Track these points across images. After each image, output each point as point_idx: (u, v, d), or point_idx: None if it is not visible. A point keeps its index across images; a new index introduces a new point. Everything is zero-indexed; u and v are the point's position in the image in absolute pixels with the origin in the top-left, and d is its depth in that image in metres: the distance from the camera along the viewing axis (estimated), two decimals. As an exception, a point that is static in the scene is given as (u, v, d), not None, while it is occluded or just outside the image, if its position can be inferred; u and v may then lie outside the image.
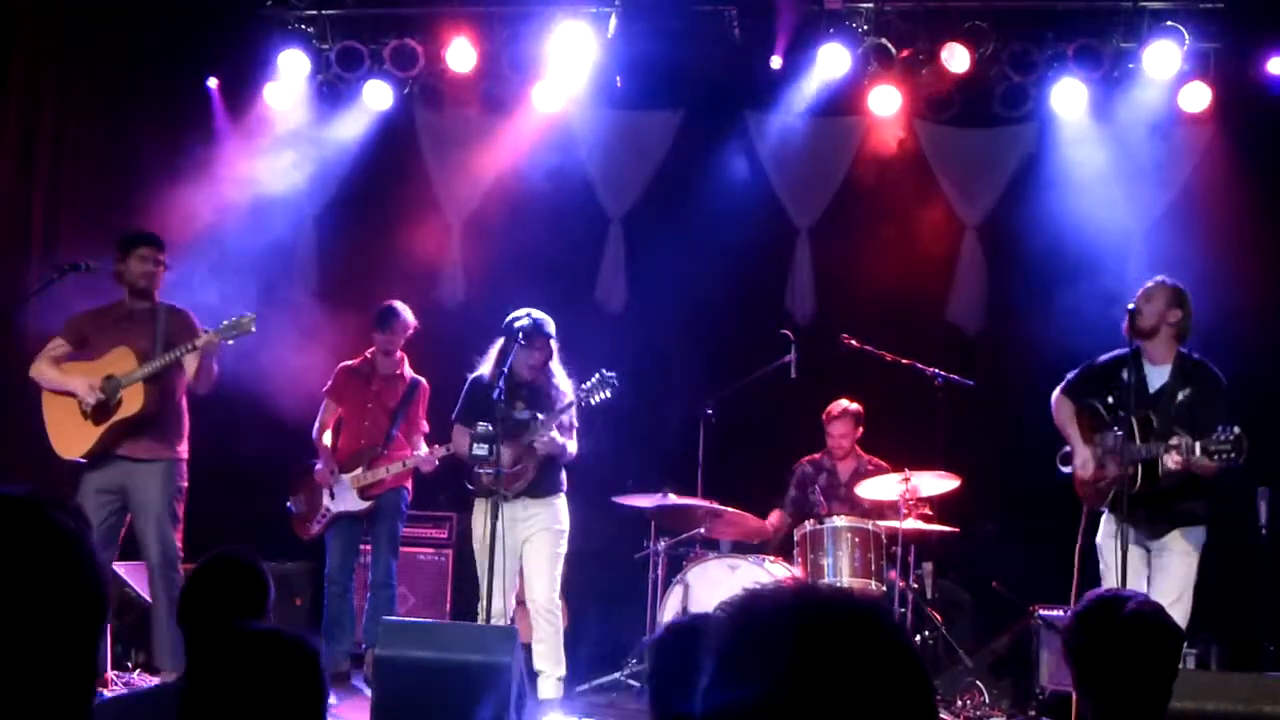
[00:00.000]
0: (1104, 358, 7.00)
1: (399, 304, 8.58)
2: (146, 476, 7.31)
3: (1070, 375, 7.10)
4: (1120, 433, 6.60)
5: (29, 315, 8.59)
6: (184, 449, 7.49)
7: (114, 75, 9.66)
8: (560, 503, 7.66)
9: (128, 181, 9.67)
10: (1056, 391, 7.11)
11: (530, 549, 7.60)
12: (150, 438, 7.34)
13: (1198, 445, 6.36)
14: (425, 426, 8.58)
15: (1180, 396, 6.70)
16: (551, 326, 7.57)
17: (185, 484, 7.45)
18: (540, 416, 7.47)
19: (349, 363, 8.62)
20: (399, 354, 8.61)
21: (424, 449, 8.44)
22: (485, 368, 7.62)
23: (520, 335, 7.44)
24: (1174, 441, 6.43)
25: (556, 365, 7.67)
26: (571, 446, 7.64)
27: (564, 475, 7.69)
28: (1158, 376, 6.81)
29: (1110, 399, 6.80)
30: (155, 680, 7.38)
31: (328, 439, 8.52)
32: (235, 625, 2.68)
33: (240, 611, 3.62)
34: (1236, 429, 6.31)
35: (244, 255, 9.12)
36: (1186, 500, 6.67)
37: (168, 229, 8.79)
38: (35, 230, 9.11)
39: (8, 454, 8.71)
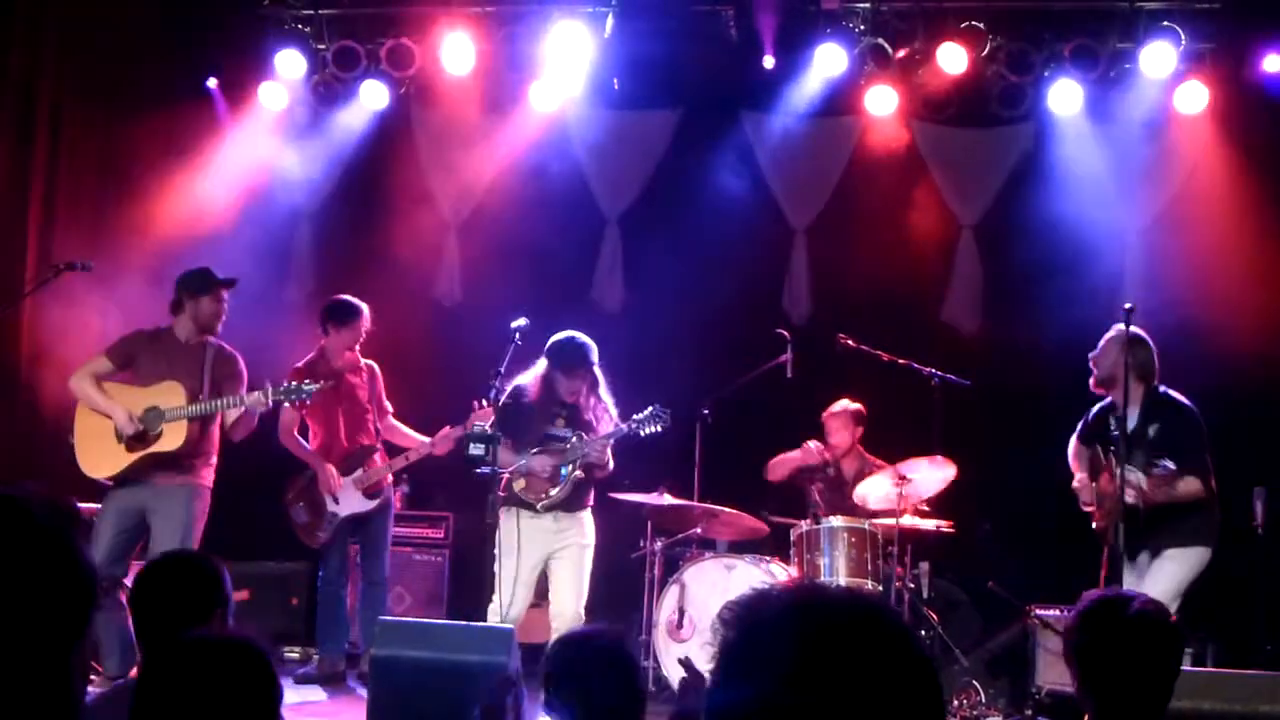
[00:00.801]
0: (1093, 410, 7.17)
1: (354, 300, 8.47)
2: (171, 499, 7.29)
3: (1080, 423, 7.26)
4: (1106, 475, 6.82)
5: (24, 314, 8.58)
6: (210, 477, 7.49)
7: (110, 75, 9.62)
8: (588, 517, 7.63)
9: (124, 181, 9.64)
10: (1073, 438, 7.29)
11: (559, 564, 7.53)
12: (180, 469, 7.34)
13: (1144, 479, 6.58)
14: (390, 406, 8.53)
15: (1150, 433, 6.83)
16: (595, 354, 7.48)
17: (206, 512, 7.42)
18: (583, 437, 7.44)
19: (300, 365, 8.30)
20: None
21: (412, 433, 8.38)
22: (528, 378, 7.52)
23: (560, 364, 7.41)
24: (1129, 478, 6.57)
25: (604, 392, 7.59)
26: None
27: (592, 491, 7.67)
28: (1132, 418, 6.91)
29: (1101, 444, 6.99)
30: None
31: (304, 442, 8.40)
32: (182, 634, 2.65)
33: (190, 611, 3.57)
34: (1171, 464, 6.43)
35: (240, 254, 9.07)
36: (1173, 523, 6.72)
37: (163, 228, 8.78)
38: (31, 230, 9.08)
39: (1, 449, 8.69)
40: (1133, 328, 6.91)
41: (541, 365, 7.49)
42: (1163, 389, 6.92)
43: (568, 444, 7.44)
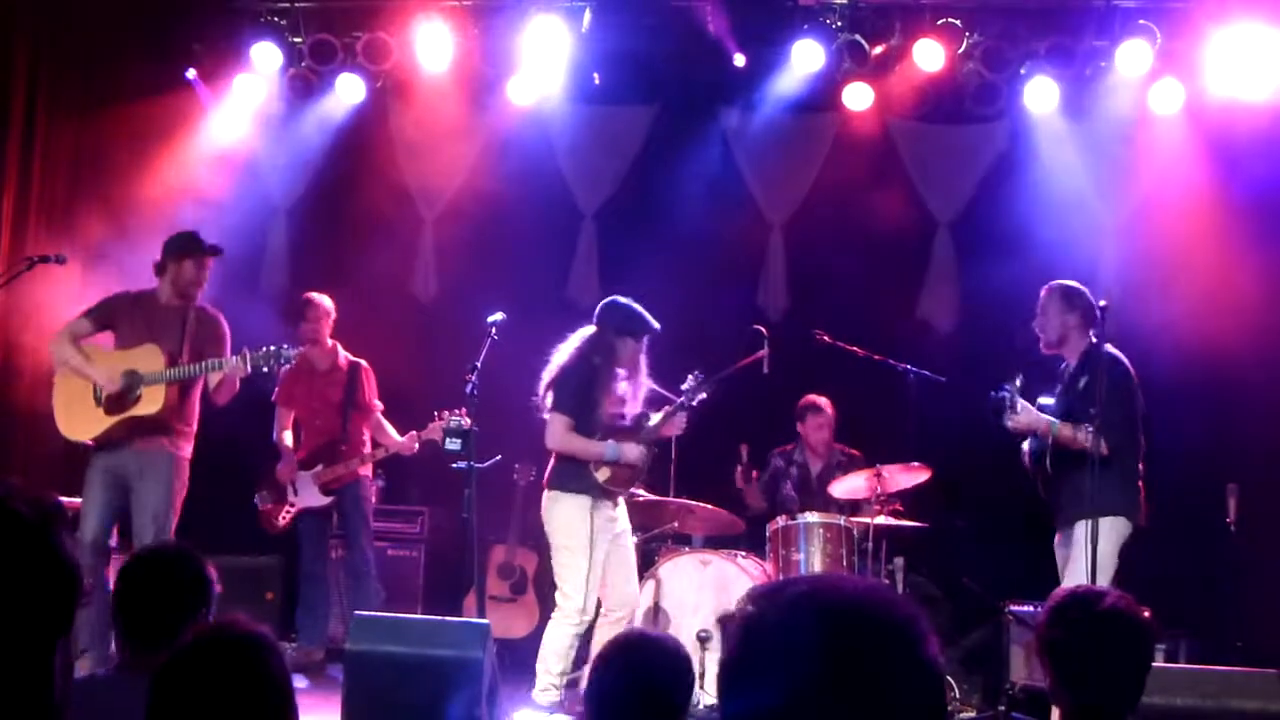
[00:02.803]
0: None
1: (313, 294, 8.58)
2: (152, 470, 7.26)
3: None
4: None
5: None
6: (189, 450, 7.45)
7: (83, 68, 9.57)
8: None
9: (97, 174, 9.60)
10: None
11: (619, 553, 7.33)
12: (160, 435, 7.29)
13: (1028, 409, 6.64)
14: (379, 406, 8.56)
15: (1081, 384, 6.74)
16: None
17: (186, 485, 7.41)
18: (649, 416, 7.38)
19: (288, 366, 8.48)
20: (330, 343, 8.57)
21: (393, 433, 8.44)
22: (566, 357, 7.26)
23: (634, 330, 7.27)
24: (1018, 404, 6.66)
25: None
26: None
27: None
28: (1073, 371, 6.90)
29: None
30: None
31: (288, 439, 8.56)
32: (169, 629, 2.67)
33: (178, 602, 3.56)
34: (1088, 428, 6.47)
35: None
36: (1084, 490, 6.53)
37: (137, 221, 8.74)
38: (4, 222, 9.05)
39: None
40: (1067, 282, 6.93)
41: (585, 336, 7.28)
42: (1101, 342, 6.80)
43: (642, 427, 7.34)
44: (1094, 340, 6.83)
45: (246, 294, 9.47)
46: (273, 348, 7.30)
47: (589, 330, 7.32)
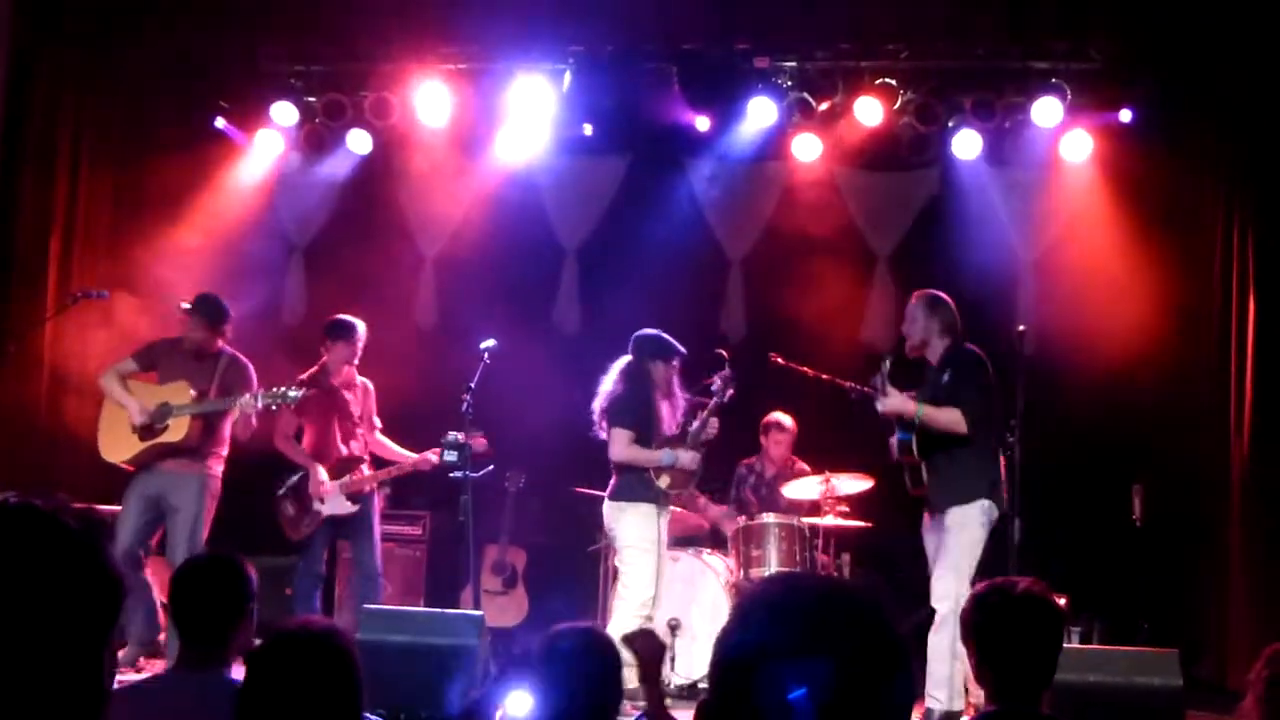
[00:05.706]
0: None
1: (356, 321, 8.29)
2: (183, 487, 7.41)
3: None
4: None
5: (45, 338, 8.54)
6: (218, 467, 7.57)
7: (123, 121, 9.57)
8: None
9: (135, 218, 9.59)
10: None
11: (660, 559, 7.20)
12: (189, 458, 7.44)
13: (892, 392, 6.72)
14: (379, 423, 8.47)
15: (943, 379, 6.76)
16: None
17: (217, 498, 7.53)
18: (692, 423, 7.34)
19: (302, 377, 8.10)
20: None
21: (395, 447, 8.30)
22: (611, 385, 7.26)
23: (664, 355, 7.27)
24: (883, 389, 6.75)
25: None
26: None
27: None
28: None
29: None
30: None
31: (297, 447, 8.26)
32: (284, 626, 2.83)
33: (226, 607, 3.58)
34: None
35: (239, 283, 9.03)
36: (948, 480, 6.68)
37: (170, 261, 8.73)
38: (52, 261, 9.04)
39: (25, 460, 8.59)
40: (933, 291, 6.98)
41: (622, 365, 7.28)
42: (967, 344, 6.87)
43: (688, 433, 7.29)
44: (956, 342, 6.85)
45: (268, 323, 9.46)
46: (278, 389, 7.44)
47: (625, 359, 7.31)
